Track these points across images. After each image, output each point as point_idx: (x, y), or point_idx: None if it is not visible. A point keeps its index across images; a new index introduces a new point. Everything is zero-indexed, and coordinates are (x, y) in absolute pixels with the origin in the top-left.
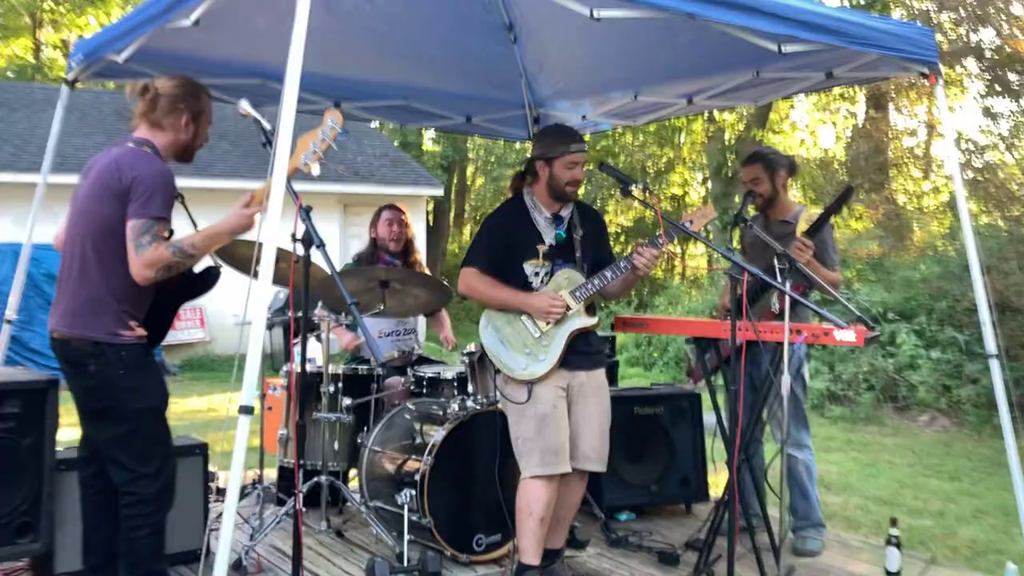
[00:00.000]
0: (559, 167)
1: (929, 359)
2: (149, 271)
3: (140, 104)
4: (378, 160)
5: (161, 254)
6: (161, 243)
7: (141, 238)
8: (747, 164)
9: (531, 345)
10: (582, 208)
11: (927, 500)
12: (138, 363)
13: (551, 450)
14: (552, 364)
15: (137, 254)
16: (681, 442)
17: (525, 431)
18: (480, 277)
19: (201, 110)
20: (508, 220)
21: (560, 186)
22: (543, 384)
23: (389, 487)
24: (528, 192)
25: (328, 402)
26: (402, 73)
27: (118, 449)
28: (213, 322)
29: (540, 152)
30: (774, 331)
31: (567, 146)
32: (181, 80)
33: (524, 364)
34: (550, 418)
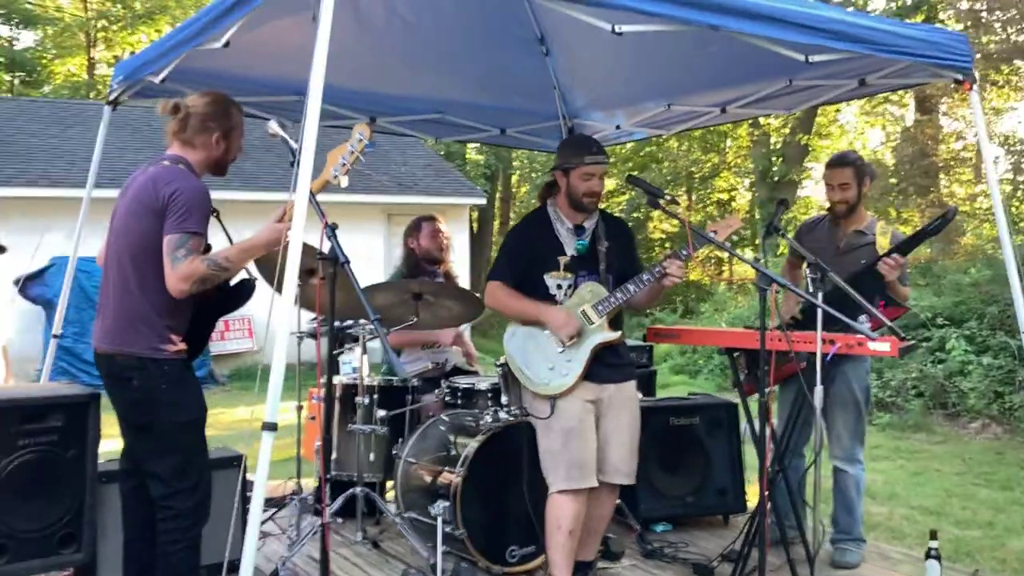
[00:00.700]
0: (575, 178)
1: (980, 365)
2: (184, 284)
3: (172, 123)
4: (422, 170)
5: (196, 267)
6: (196, 257)
7: (176, 252)
8: (837, 167)
9: (554, 359)
10: (608, 219)
11: (976, 510)
12: (179, 378)
13: (577, 464)
14: (575, 379)
15: (173, 268)
16: (717, 453)
17: (551, 445)
18: (504, 290)
19: (232, 126)
20: (529, 232)
21: (578, 197)
22: (569, 398)
23: (423, 498)
24: (551, 203)
25: (363, 414)
26: (436, 87)
27: (157, 463)
28: (261, 332)
29: (559, 162)
30: (807, 341)
31: (582, 157)
32: (211, 98)
33: (547, 379)
34: (576, 432)
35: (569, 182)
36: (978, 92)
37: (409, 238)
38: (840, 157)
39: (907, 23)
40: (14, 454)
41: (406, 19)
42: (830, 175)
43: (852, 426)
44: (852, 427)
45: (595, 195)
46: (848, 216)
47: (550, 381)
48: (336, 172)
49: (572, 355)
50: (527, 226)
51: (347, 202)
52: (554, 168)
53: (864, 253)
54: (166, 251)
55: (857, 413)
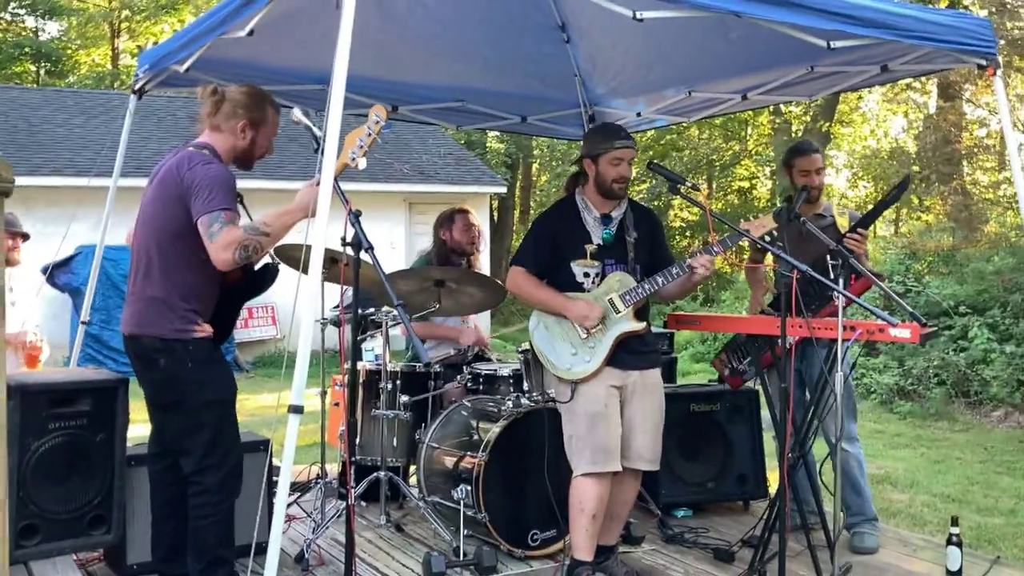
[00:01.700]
0: (604, 164)
1: (1003, 353)
2: (228, 253)
3: (206, 105)
4: (443, 159)
5: (235, 234)
6: (233, 227)
7: (211, 227)
8: (811, 153)
9: (578, 346)
10: (637, 209)
11: (998, 498)
12: (205, 358)
13: (601, 448)
14: (597, 365)
15: (212, 241)
16: (738, 439)
17: (576, 429)
18: (526, 276)
19: (262, 120)
20: (556, 220)
21: (607, 183)
22: (593, 383)
23: (446, 483)
24: (580, 192)
25: (387, 399)
26: (456, 75)
27: (186, 440)
28: (284, 320)
29: (586, 150)
30: (828, 328)
31: (611, 143)
32: (249, 89)
33: (569, 364)
34: (601, 416)
35: (598, 169)
36: (1002, 78)
37: (441, 229)
38: (808, 144)
39: (930, 8)
40: (44, 437)
41: (427, 6)
42: (806, 162)
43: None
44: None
45: (624, 180)
46: (814, 201)
47: (572, 366)
48: (354, 154)
49: (596, 342)
50: (555, 213)
51: (368, 191)
52: (582, 156)
53: (828, 234)
54: (203, 232)
55: (848, 391)
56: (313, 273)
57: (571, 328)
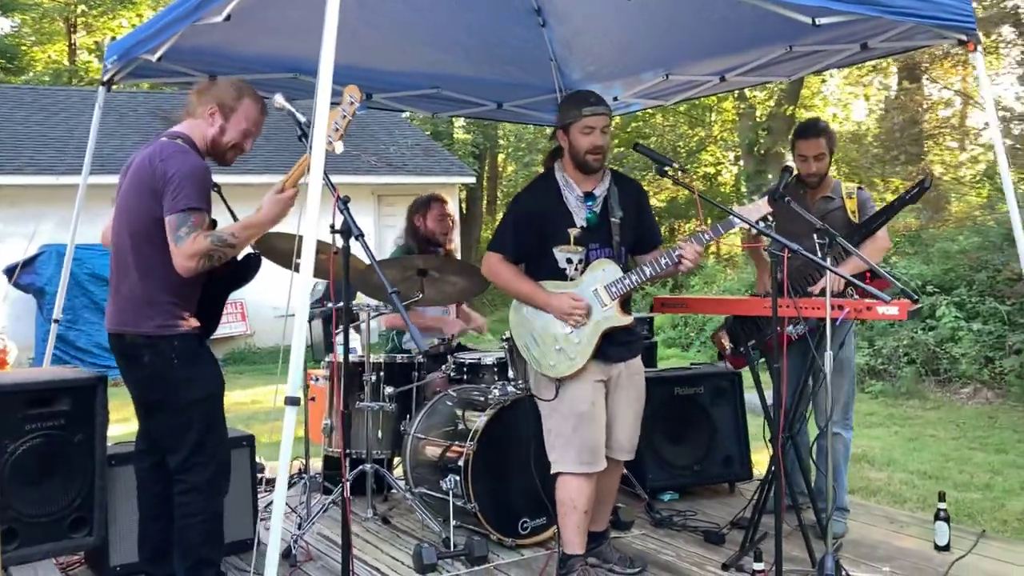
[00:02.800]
0: (576, 134)
1: (971, 331)
2: (191, 262)
3: (194, 94)
4: (410, 150)
5: (200, 244)
6: (200, 233)
7: (179, 231)
8: (811, 137)
9: (562, 341)
10: (620, 182)
11: (973, 473)
12: (191, 353)
13: (588, 448)
14: (583, 362)
15: (177, 246)
16: (723, 421)
17: (559, 427)
18: (504, 264)
19: (232, 107)
20: (536, 200)
21: (580, 155)
22: (578, 380)
23: (433, 473)
24: (559, 168)
25: (371, 391)
26: (432, 62)
27: (173, 438)
28: (254, 315)
29: (558, 121)
30: (815, 307)
31: (580, 110)
32: (232, 80)
33: (553, 361)
34: (587, 416)
35: (571, 140)
36: (981, 54)
37: (416, 216)
38: (812, 126)
39: None
40: (21, 439)
41: None
42: (804, 146)
43: (848, 390)
44: (849, 391)
45: (599, 151)
46: (819, 185)
47: (557, 364)
48: (330, 138)
49: (581, 336)
50: (533, 194)
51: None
52: (555, 128)
53: (834, 218)
54: (169, 233)
55: (852, 376)
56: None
57: (554, 323)
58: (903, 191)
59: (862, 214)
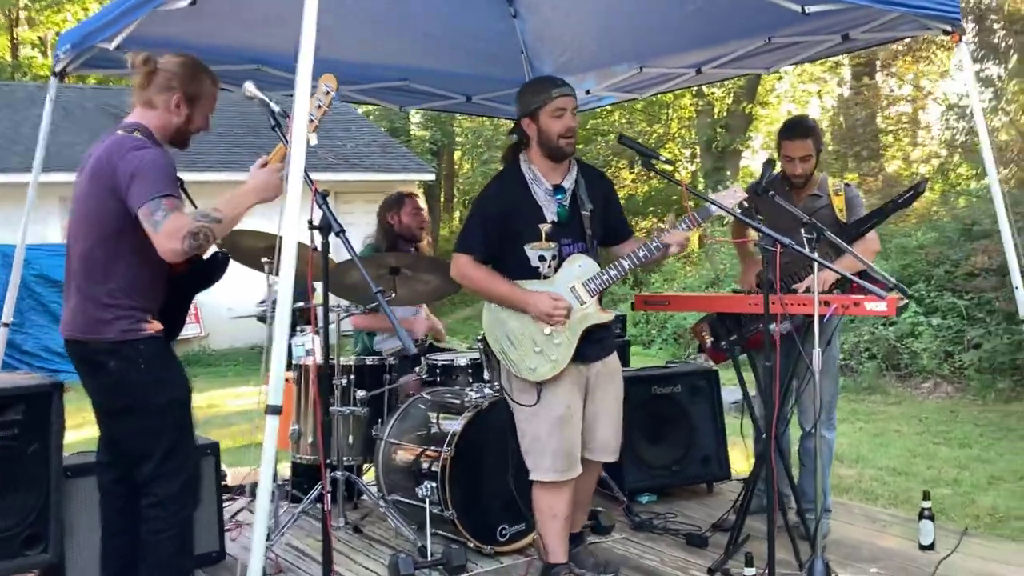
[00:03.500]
0: (546, 118)
1: (930, 326)
2: (175, 243)
3: (137, 76)
4: (367, 147)
5: (182, 221)
6: (179, 213)
7: (154, 216)
8: (798, 138)
9: (541, 343)
10: (587, 173)
11: (941, 468)
12: (157, 356)
13: (563, 453)
14: (563, 364)
15: (157, 232)
16: (701, 421)
17: (535, 430)
18: (475, 266)
19: (198, 93)
20: (503, 196)
21: (553, 140)
22: (557, 383)
23: (407, 480)
24: (524, 160)
25: (341, 395)
26: (400, 53)
27: (141, 447)
28: (208, 317)
29: (522, 109)
30: (803, 303)
31: (548, 92)
32: (185, 59)
33: (534, 364)
34: (565, 420)
35: (540, 126)
36: (967, 45)
37: (389, 213)
38: (799, 125)
39: None
40: None
41: None
42: (791, 147)
43: (832, 389)
44: (832, 390)
45: (571, 133)
46: (805, 184)
47: (537, 367)
48: None
49: (561, 337)
50: (500, 190)
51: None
52: (519, 118)
53: (821, 216)
54: (145, 223)
55: (835, 375)
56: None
57: (531, 323)
58: (896, 194)
59: (850, 211)
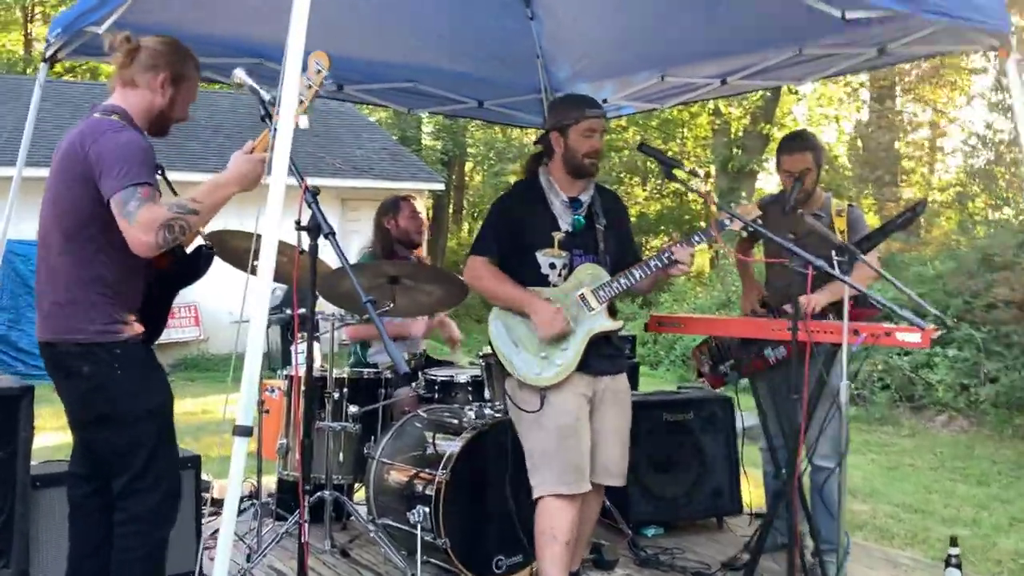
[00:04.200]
0: (575, 136)
1: (946, 357)
2: (150, 236)
3: (118, 56)
4: (377, 154)
5: (157, 213)
6: (153, 203)
7: (127, 207)
8: (796, 152)
9: (547, 347)
10: (603, 193)
11: (959, 507)
12: (136, 361)
13: (572, 467)
14: (569, 370)
15: (130, 223)
16: (713, 451)
17: (542, 443)
18: (488, 268)
19: (183, 75)
20: (519, 203)
21: (577, 158)
22: (562, 391)
23: (399, 503)
24: (544, 172)
25: (332, 409)
26: (409, 52)
27: (119, 458)
28: (208, 320)
29: (553, 122)
30: (830, 332)
31: (582, 111)
32: (169, 40)
33: (538, 368)
34: (572, 430)
35: (567, 142)
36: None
37: (385, 218)
38: (798, 139)
39: None
40: None
41: None
42: (789, 161)
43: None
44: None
45: (597, 155)
46: (806, 202)
47: (542, 371)
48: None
49: (568, 343)
50: (517, 196)
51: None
52: (548, 130)
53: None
54: (117, 213)
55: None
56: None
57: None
58: (894, 215)
59: (852, 233)
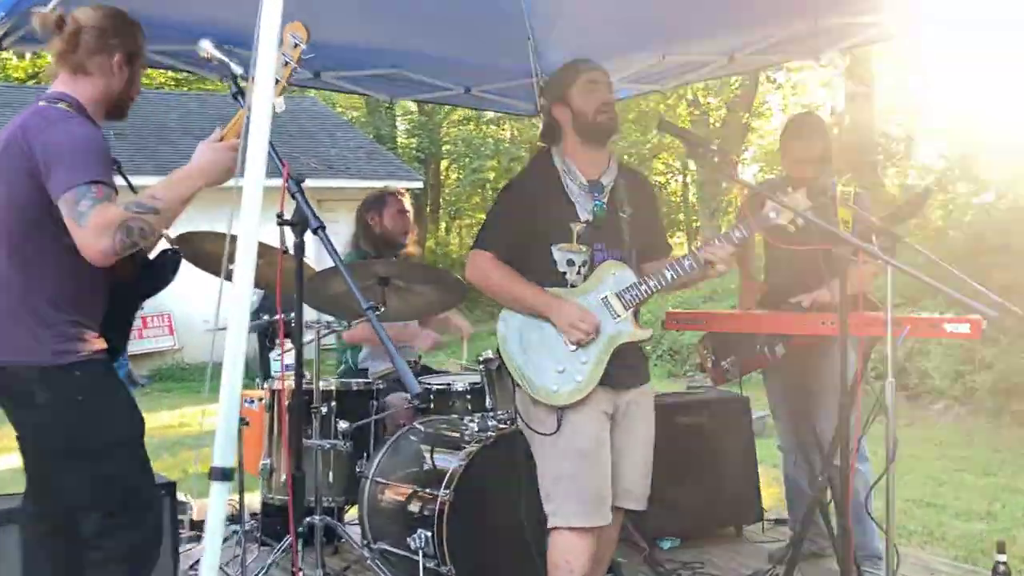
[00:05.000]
0: (579, 96)
1: (940, 344)
2: (104, 240)
3: (56, 42)
4: (353, 152)
5: (111, 214)
6: (107, 203)
7: (78, 207)
8: (809, 138)
9: (565, 359)
10: (627, 174)
11: (970, 500)
12: (100, 384)
13: (592, 496)
14: (590, 386)
15: (81, 225)
16: (730, 455)
17: (559, 469)
18: (497, 265)
19: (137, 51)
20: (533, 188)
21: (590, 115)
22: (582, 410)
23: (397, 526)
24: (558, 153)
25: (320, 426)
26: (392, 36)
27: (86, 496)
28: (182, 328)
29: (552, 95)
30: (869, 324)
31: (577, 68)
32: (109, 10)
33: (554, 384)
34: (592, 456)
35: (573, 107)
36: None
37: (369, 214)
38: (810, 122)
39: None
40: None
41: None
42: (802, 148)
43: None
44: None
45: (609, 106)
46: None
47: (559, 388)
48: None
49: (588, 354)
50: (530, 180)
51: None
52: (550, 104)
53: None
54: (67, 214)
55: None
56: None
57: (555, 335)
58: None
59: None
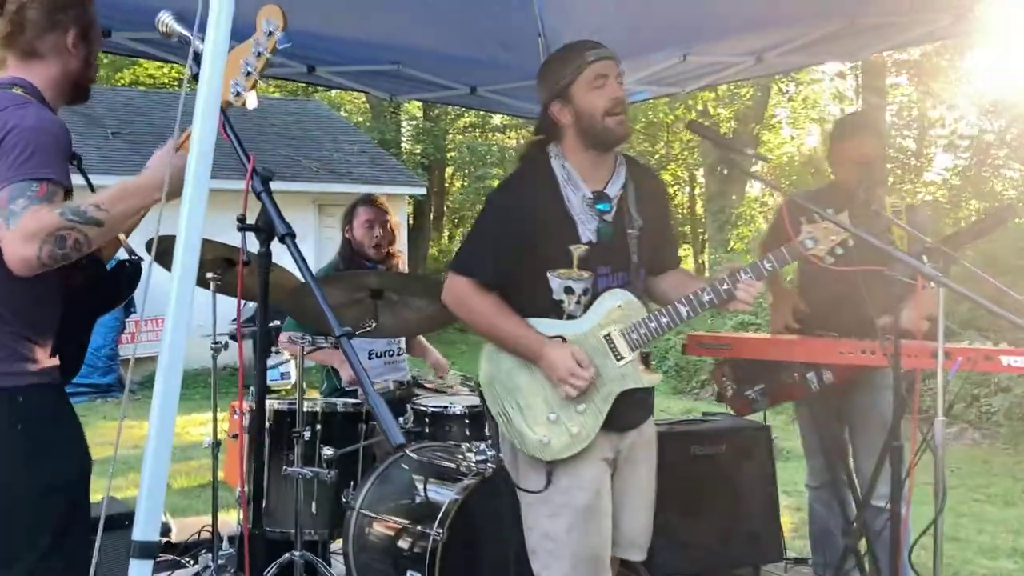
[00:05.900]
0: (583, 93)
1: None
2: (29, 248)
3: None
4: (355, 157)
5: (46, 219)
6: (45, 206)
7: (11, 205)
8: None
9: (558, 407)
10: (637, 177)
11: (994, 534)
12: (44, 413)
13: (589, 556)
14: (586, 440)
15: (9, 227)
16: (748, 489)
17: (552, 528)
18: (479, 293)
19: (91, 22)
20: (527, 201)
21: (598, 117)
22: (577, 463)
23: (386, 564)
24: (557, 156)
25: (302, 452)
26: (392, 29)
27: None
28: None
29: (550, 90)
30: (917, 355)
31: (581, 56)
32: None
33: (545, 435)
34: (590, 512)
35: (576, 105)
36: None
37: (345, 226)
38: (862, 119)
39: None
40: None
41: None
42: (856, 146)
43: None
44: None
45: (621, 105)
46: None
47: (550, 440)
48: (237, 87)
49: (585, 402)
50: (523, 191)
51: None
52: (546, 104)
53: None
54: None
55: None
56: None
57: (546, 380)
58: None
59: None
